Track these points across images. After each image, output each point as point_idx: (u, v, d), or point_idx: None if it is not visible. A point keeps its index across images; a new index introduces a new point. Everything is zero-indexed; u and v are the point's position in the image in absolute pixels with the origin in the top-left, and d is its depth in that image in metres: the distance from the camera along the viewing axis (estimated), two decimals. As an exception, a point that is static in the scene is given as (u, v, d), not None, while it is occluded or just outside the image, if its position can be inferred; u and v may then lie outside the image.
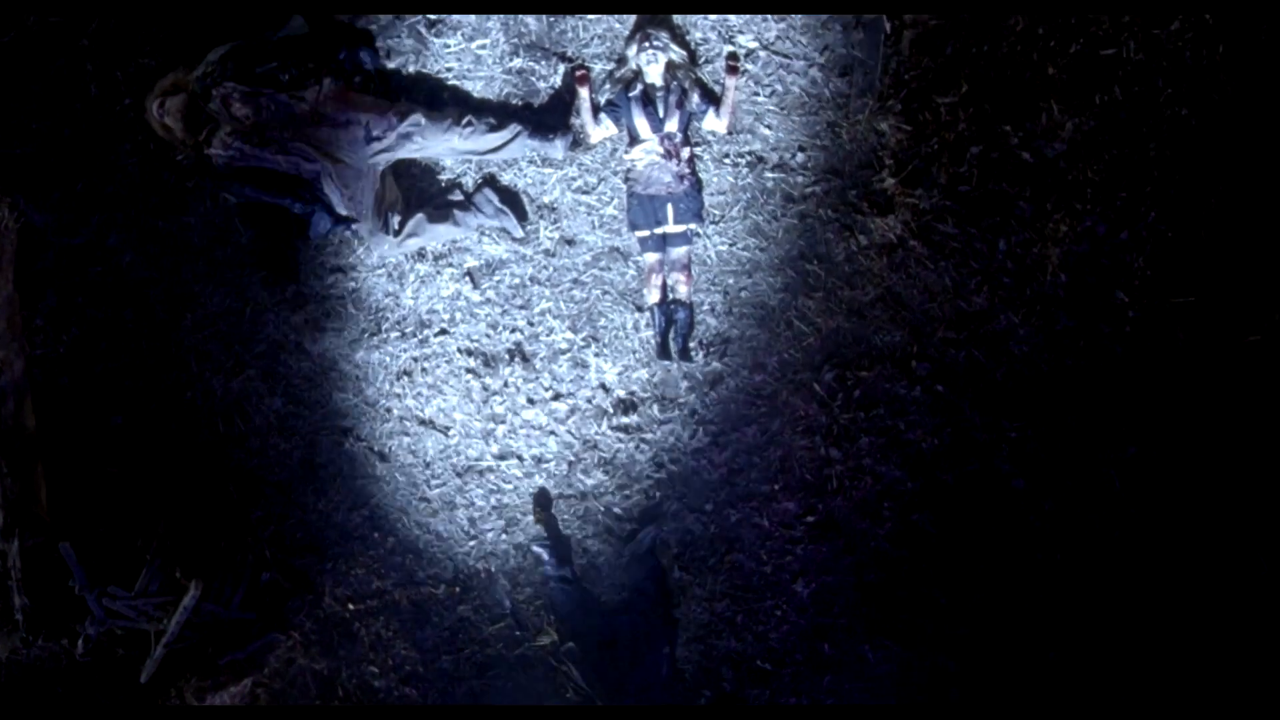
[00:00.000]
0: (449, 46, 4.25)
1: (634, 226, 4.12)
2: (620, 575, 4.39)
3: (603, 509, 4.44)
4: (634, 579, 4.38)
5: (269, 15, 4.08)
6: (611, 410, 4.37)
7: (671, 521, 4.39)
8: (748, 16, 4.12)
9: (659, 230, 4.09)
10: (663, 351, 4.23)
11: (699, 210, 4.10)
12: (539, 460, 4.45)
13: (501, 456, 4.46)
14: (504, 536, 4.52)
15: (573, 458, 4.42)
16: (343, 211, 4.13)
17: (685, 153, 4.05)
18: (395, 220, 4.23)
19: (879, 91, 4.08)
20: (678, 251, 4.14)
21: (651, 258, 4.15)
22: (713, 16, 4.19)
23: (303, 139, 3.99)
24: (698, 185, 4.10)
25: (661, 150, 4.02)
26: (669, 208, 4.05)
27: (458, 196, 4.26)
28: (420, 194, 4.29)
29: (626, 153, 4.09)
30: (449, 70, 4.24)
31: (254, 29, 4.03)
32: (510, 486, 4.48)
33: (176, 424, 4.43)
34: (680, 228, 4.10)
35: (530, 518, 4.47)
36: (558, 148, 4.10)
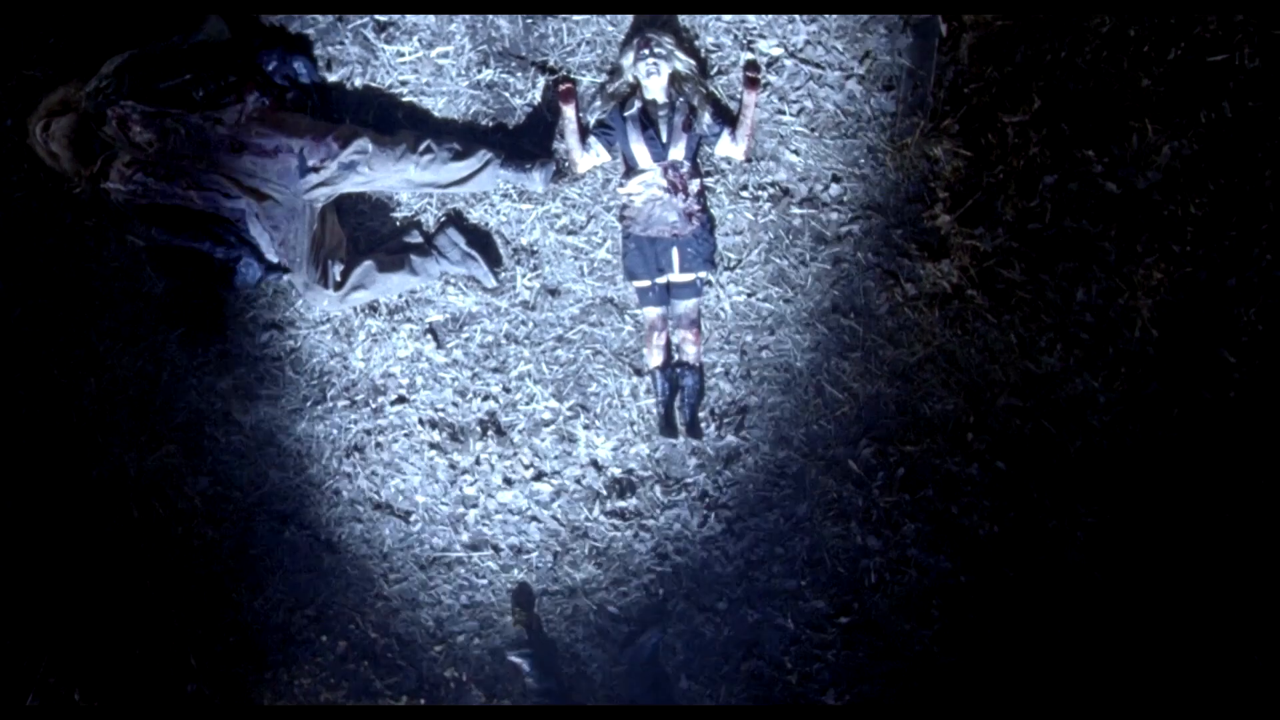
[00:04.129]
0: (403, 55, 3.72)
1: (631, 275, 3.68)
2: (617, 687, 4.01)
3: (595, 608, 4.04)
4: (633, 691, 4.00)
5: (179, 16, 3.56)
6: (605, 492, 3.97)
7: (677, 623, 4.01)
8: (771, 17, 3.63)
9: (662, 280, 3.64)
10: (666, 425, 3.80)
11: (710, 255, 3.64)
12: (518, 551, 4.04)
13: (473, 546, 4.05)
14: (477, 640, 4.11)
15: (559, 548, 4.02)
16: (272, 258, 3.59)
17: (694, 185, 3.58)
18: (336, 269, 3.66)
19: (932, 109, 3.62)
20: (685, 305, 3.69)
21: (653, 312, 3.70)
22: (727, 17, 3.63)
23: (221, 170, 3.44)
24: (709, 225, 3.65)
25: (665, 182, 3.55)
26: (674, 252, 3.59)
27: (416, 239, 3.78)
28: (369, 236, 3.81)
29: (622, 185, 3.62)
30: (403, 84, 3.72)
31: (159, 33, 3.52)
32: (484, 582, 4.08)
33: (80, 508, 4.01)
34: (688, 276, 3.64)
35: (508, 618, 4.08)
36: (537, 179, 3.61)
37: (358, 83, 3.70)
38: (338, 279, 3.65)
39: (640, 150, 3.55)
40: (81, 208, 3.79)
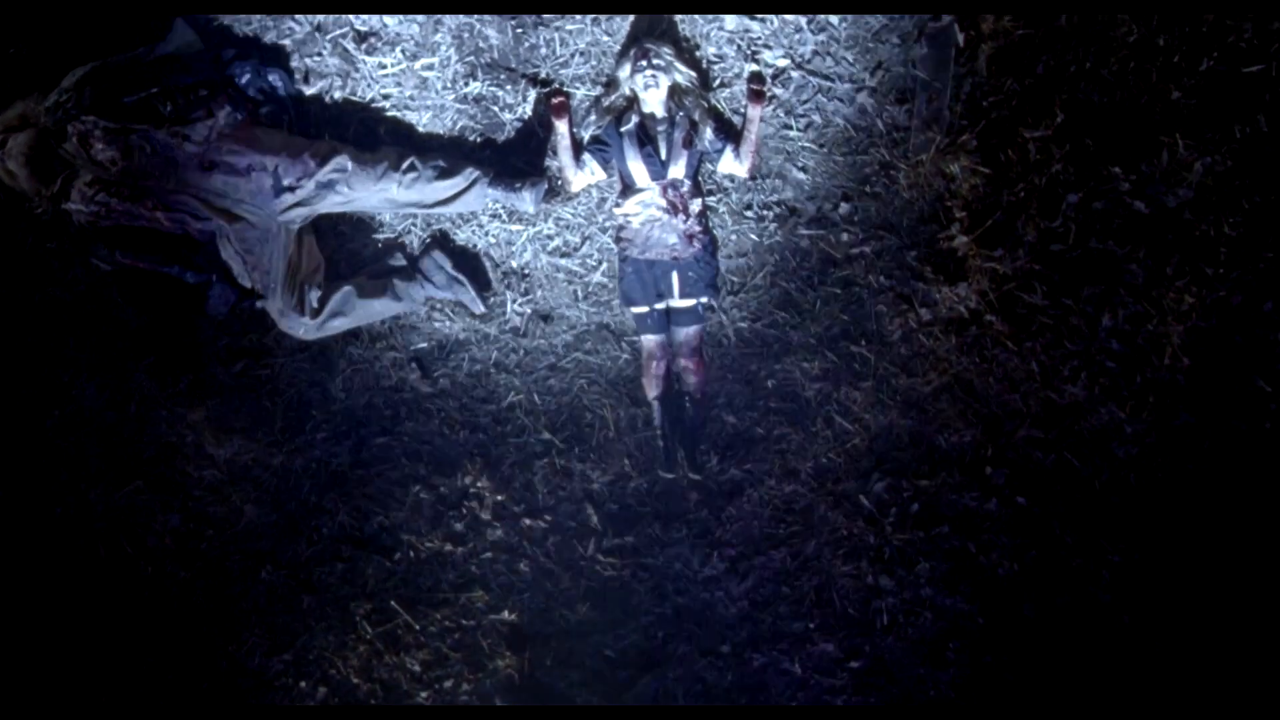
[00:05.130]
0: (386, 67, 3.57)
1: (629, 301, 3.55)
2: (613, 735, 3.85)
3: (591, 651, 3.90)
4: (631, 740, 3.82)
5: (145, 25, 3.44)
6: (601, 529, 3.84)
7: (678, 667, 3.87)
8: (776, 27, 3.49)
9: (661, 305, 3.52)
10: (666, 459, 3.70)
11: (713, 279, 3.52)
12: (509, 591, 3.89)
13: (462, 586, 3.90)
14: (465, 686, 3.93)
15: (552, 588, 3.88)
16: (245, 283, 3.43)
17: (695, 205, 3.45)
18: (314, 295, 3.50)
19: (948, 123, 3.50)
20: (686, 332, 3.56)
21: (652, 340, 3.57)
22: (730, 26, 3.50)
23: (189, 190, 3.30)
24: (711, 247, 3.53)
25: (664, 202, 3.41)
26: (674, 277, 3.46)
27: (399, 262, 3.65)
28: (350, 259, 3.67)
29: (618, 205, 3.49)
30: (386, 98, 3.58)
31: (124, 44, 3.38)
32: (473, 623, 3.92)
33: (43, 548, 3.88)
34: (689, 302, 3.51)
35: (499, 662, 3.91)
36: (528, 198, 3.48)
37: (337, 96, 3.57)
38: (315, 305, 3.50)
39: (638, 168, 3.42)
40: (43, 229, 3.65)
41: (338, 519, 3.88)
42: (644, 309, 3.52)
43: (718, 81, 3.52)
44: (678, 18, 3.47)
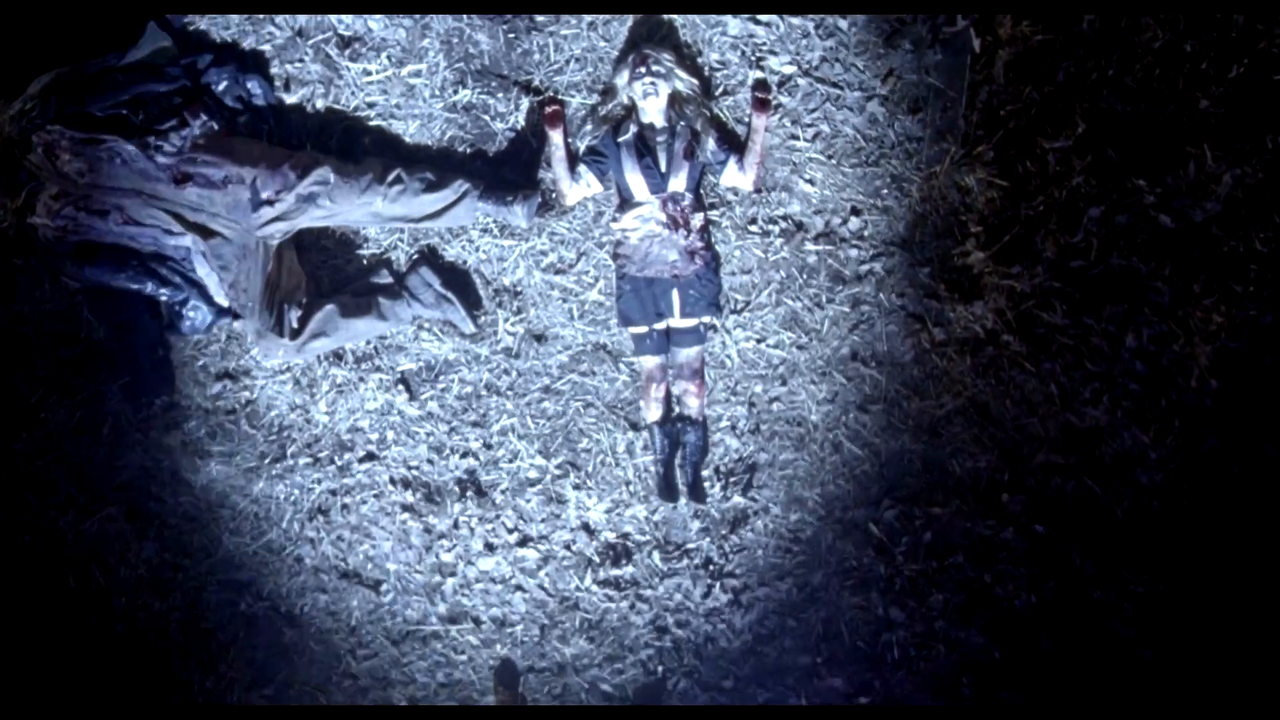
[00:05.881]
0: (370, 74, 3.49)
1: (627, 320, 3.48)
2: (610, 775, 3.77)
3: (587, 686, 3.80)
4: (629, 781, 3.74)
5: (116, 29, 3.34)
6: (597, 559, 3.75)
7: (679, 702, 3.78)
8: (782, 32, 3.45)
9: (660, 325, 3.45)
10: (666, 486, 3.60)
11: (715, 297, 3.45)
12: (501, 623, 3.80)
13: (451, 619, 3.81)
14: None
15: (546, 620, 3.79)
16: (221, 301, 3.38)
17: (696, 220, 3.39)
18: (293, 315, 3.39)
19: (963, 133, 3.46)
20: (686, 353, 3.49)
21: (651, 361, 3.49)
22: (734, 31, 3.45)
23: (162, 204, 3.24)
24: (713, 263, 3.46)
25: (664, 216, 3.36)
26: (674, 295, 3.40)
27: (385, 279, 3.56)
28: (332, 276, 3.59)
29: (616, 219, 3.44)
30: (370, 106, 3.51)
31: (93, 49, 3.31)
32: (463, 657, 3.82)
33: (10, 578, 3.76)
34: (690, 322, 3.44)
35: (491, 698, 3.81)
36: (520, 212, 3.41)
37: (319, 105, 3.51)
38: (294, 326, 3.39)
39: (636, 180, 3.36)
40: (8, 244, 3.50)
41: (321, 549, 3.78)
42: (643, 329, 3.45)
43: (720, 89, 3.47)
44: (679, 22, 3.42)
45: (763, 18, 3.40)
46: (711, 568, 3.74)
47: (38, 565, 3.77)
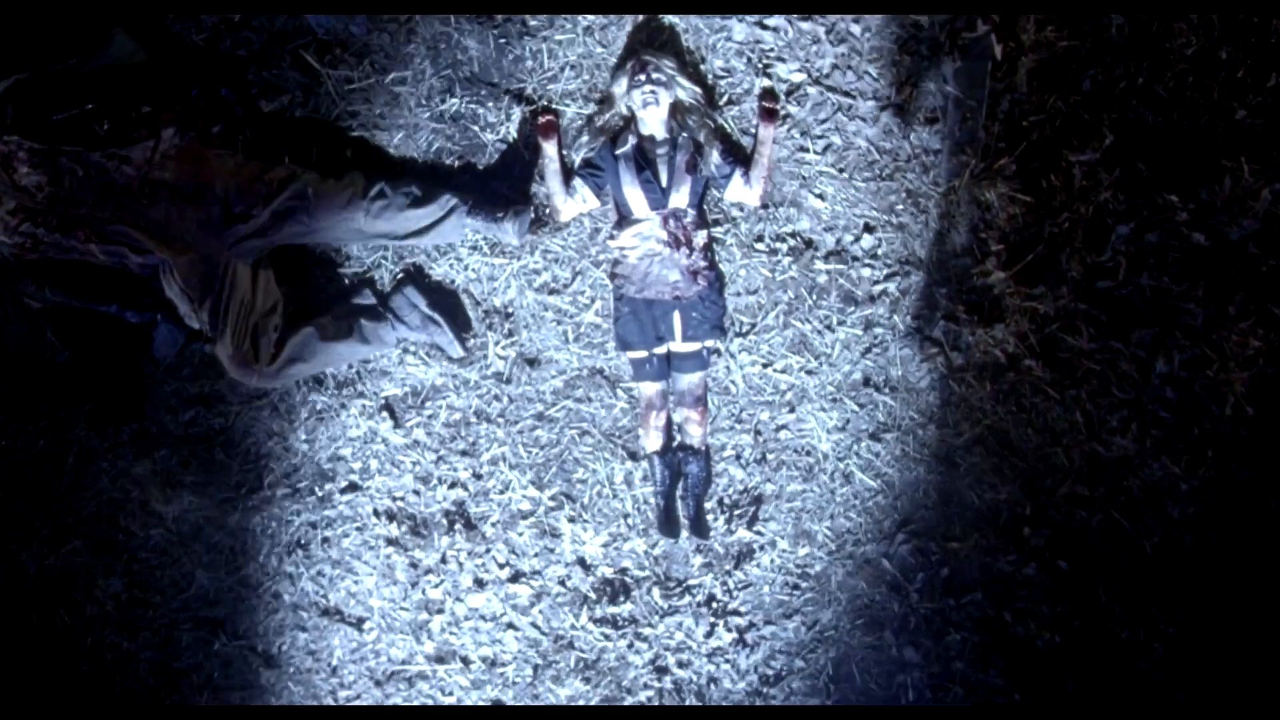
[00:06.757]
0: (352, 81, 3.39)
1: (625, 344, 3.38)
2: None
3: None
4: (627, 830, 3.64)
5: (81, 32, 3.23)
6: (594, 596, 3.65)
7: None
8: (791, 37, 3.35)
9: (661, 350, 3.36)
10: (667, 520, 3.50)
11: (719, 320, 3.37)
12: (492, 663, 3.70)
13: (439, 659, 3.71)
14: None
15: (540, 660, 3.69)
16: (192, 324, 3.23)
17: (699, 237, 3.30)
18: (268, 339, 3.26)
19: (984, 145, 3.36)
20: (688, 379, 3.39)
21: (650, 388, 3.41)
22: (739, 36, 3.35)
23: (128, 220, 3.08)
24: (717, 284, 3.38)
25: (664, 234, 3.26)
26: (676, 318, 3.32)
27: (367, 300, 3.46)
28: (312, 297, 3.49)
29: (613, 237, 3.35)
30: (353, 116, 3.42)
31: (55, 53, 3.19)
32: (452, 699, 3.71)
33: None
34: (692, 346, 3.35)
35: None
36: (510, 230, 3.31)
37: (297, 114, 3.41)
38: (270, 351, 3.25)
39: (635, 196, 3.27)
40: None
41: (300, 584, 3.68)
42: (642, 353, 3.36)
43: (725, 98, 3.40)
44: (681, 28, 3.33)
45: (770, 22, 3.32)
46: (715, 605, 3.64)
47: (-1, 602, 3.67)
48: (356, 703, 3.71)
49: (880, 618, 3.59)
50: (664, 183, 3.24)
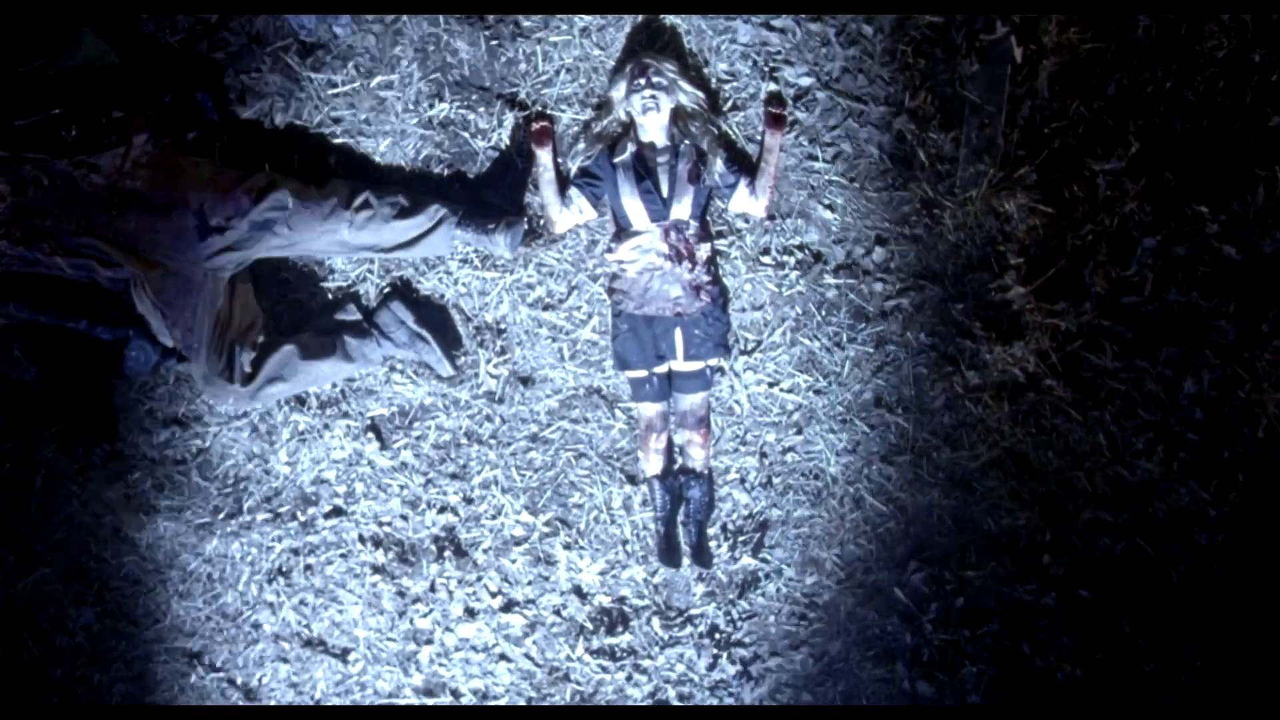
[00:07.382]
0: (336, 86, 3.33)
1: (624, 363, 3.32)
2: None
3: None
4: None
5: (48, 33, 3.14)
6: (590, 626, 3.59)
7: None
8: (799, 39, 3.28)
9: (661, 369, 3.30)
10: (667, 548, 3.42)
11: (722, 337, 3.31)
12: (483, 696, 3.64)
13: (428, 691, 3.65)
14: None
15: (534, 693, 3.63)
16: (166, 342, 3.14)
17: (702, 251, 3.24)
18: (246, 358, 3.18)
19: (1003, 153, 3.31)
20: (690, 399, 3.33)
21: (650, 409, 3.34)
22: (744, 38, 3.28)
23: (96, 232, 2.99)
24: (721, 300, 3.33)
25: (665, 247, 3.21)
26: (677, 335, 3.26)
27: (352, 315, 3.41)
28: (293, 313, 3.46)
29: (611, 250, 3.30)
30: (336, 122, 3.38)
31: (20, 55, 3.11)
32: None
33: None
34: (694, 365, 3.29)
35: None
36: (502, 242, 3.24)
37: (278, 120, 3.37)
38: (247, 370, 3.17)
39: (634, 207, 3.21)
40: None
41: (281, 614, 3.60)
42: (641, 373, 3.30)
43: (730, 104, 3.34)
44: (683, 29, 3.26)
45: (777, 23, 3.25)
46: (718, 636, 3.58)
47: (-36, 632, 3.58)
48: (341, 738, 3.60)
49: (892, 649, 3.53)
50: (665, 193, 3.19)
